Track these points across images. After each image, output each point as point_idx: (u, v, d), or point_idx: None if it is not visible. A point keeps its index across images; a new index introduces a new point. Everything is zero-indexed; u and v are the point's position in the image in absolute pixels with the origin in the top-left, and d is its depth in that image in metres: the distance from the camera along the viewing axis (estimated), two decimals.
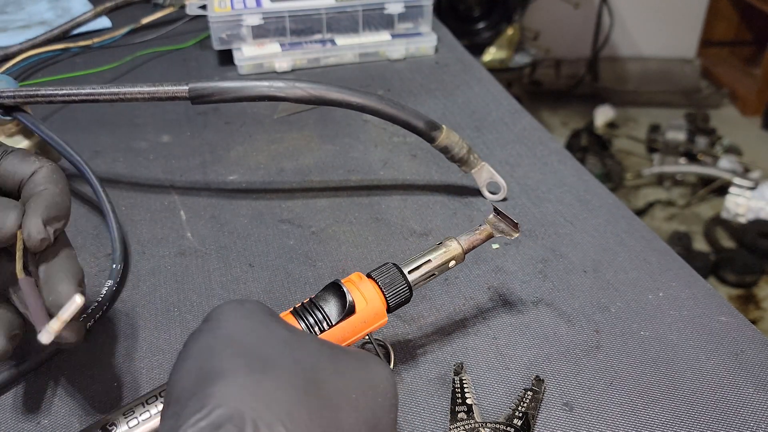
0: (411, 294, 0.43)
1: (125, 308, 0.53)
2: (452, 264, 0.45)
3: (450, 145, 0.61)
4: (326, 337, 0.40)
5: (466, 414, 0.42)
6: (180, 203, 0.65)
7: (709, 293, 0.53)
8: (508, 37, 2.45)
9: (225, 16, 0.89)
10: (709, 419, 0.43)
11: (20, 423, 0.44)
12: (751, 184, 2.26)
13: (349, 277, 0.43)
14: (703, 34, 3.09)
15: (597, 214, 0.62)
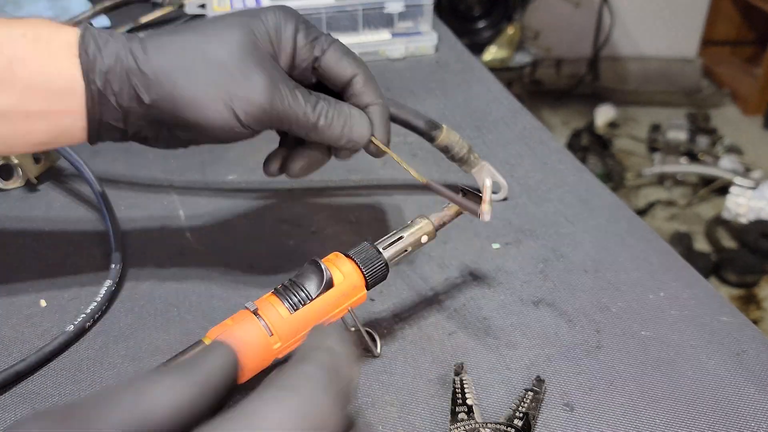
0: (387, 270, 0.46)
1: (125, 308, 0.53)
2: (425, 239, 0.48)
3: (450, 145, 0.61)
4: (307, 311, 0.43)
5: (467, 414, 0.42)
6: (179, 203, 0.65)
7: (710, 293, 0.53)
8: (508, 37, 2.45)
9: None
10: (710, 419, 0.42)
11: None
12: (752, 183, 2.25)
13: (327, 257, 0.45)
14: (705, 33, 3.09)
15: (598, 214, 0.62)
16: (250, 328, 0.42)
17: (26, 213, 0.63)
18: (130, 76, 0.42)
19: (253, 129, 0.45)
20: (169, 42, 0.43)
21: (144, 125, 0.44)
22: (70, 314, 0.52)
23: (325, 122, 0.46)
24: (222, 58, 0.43)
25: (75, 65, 0.42)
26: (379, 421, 0.43)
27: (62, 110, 0.43)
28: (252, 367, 0.43)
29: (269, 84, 0.43)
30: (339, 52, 0.47)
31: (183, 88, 0.42)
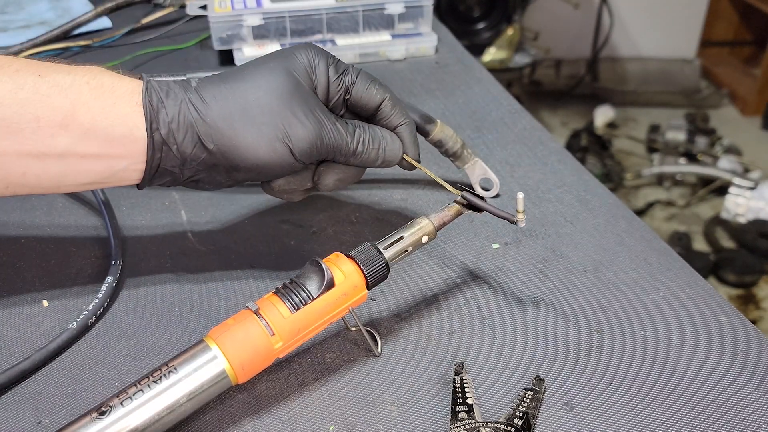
0: (388, 270, 0.47)
1: (126, 308, 0.53)
2: (425, 240, 0.48)
3: (444, 139, 0.62)
4: (308, 311, 0.43)
5: (467, 414, 0.42)
6: (180, 203, 0.65)
7: (709, 293, 0.53)
8: (508, 38, 2.45)
9: (225, 16, 0.89)
10: (709, 419, 0.43)
11: (20, 423, 0.44)
12: (751, 184, 2.26)
13: (328, 257, 0.46)
14: (703, 34, 3.09)
15: (597, 214, 0.62)
16: (252, 327, 0.42)
17: (28, 213, 0.64)
18: (195, 126, 0.45)
19: (306, 162, 0.48)
20: (224, 91, 0.46)
21: (201, 170, 0.47)
22: (73, 313, 0.52)
23: (363, 148, 0.50)
24: (273, 103, 0.46)
25: (137, 113, 0.44)
26: (380, 420, 0.43)
27: (119, 155, 0.45)
28: (253, 366, 0.43)
29: (316, 121, 0.47)
30: (367, 81, 0.51)
31: (243, 133, 0.46)
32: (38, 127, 0.43)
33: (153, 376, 0.40)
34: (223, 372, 0.42)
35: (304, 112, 0.47)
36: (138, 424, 0.39)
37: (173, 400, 0.40)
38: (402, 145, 0.52)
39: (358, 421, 0.44)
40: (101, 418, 0.39)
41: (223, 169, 0.47)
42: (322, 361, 0.48)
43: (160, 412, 0.40)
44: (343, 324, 0.50)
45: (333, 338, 0.50)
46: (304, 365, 0.48)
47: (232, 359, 0.42)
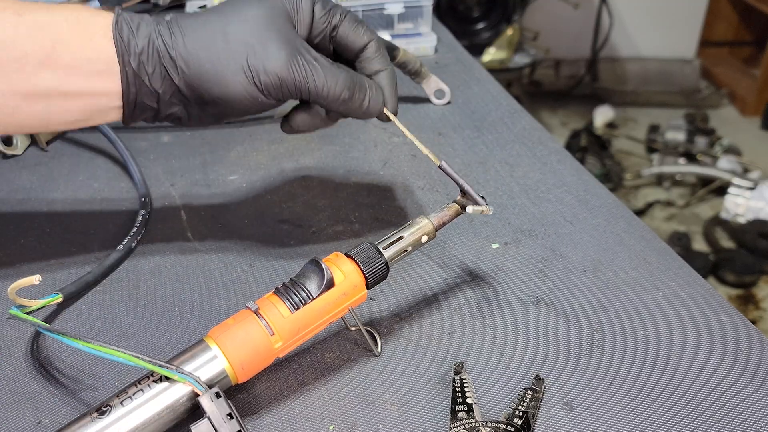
0: (387, 269, 0.46)
1: (126, 308, 0.53)
2: (425, 239, 0.48)
3: (407, 61, 0.76)
4: (308, 310, 0.43)
5: (467, 413, 0.43)
6: (180, 203, 0.65)
7: (708, 293, 0.53)
8: (507, 38, 2.45)
9: None
10: (709, 418, 0.43)
11: (20, 423, 0.44)
12: (751, 184, 2.26)
13: (328, 257, 0.46)
14: (703, 34, 3.09)
15: (597, 214, 0.62)
16: (251, 327, 0.42)
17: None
18: (161, 58, 0.45)
19: (275, 97, 0.47)
20: (193, 23, 0.46)
21: (175, 103, 0.47)
22: (73, 313, 0.52)
23: (347, 96, 0.48)
24: (241, 33, 0.46)
25: (111, 48, 0.45)
26: (380, 420, 0.43)
27: (99, 91, 0.46)
28: (253, 366, 0.43)
29: (286, 54, 0.46)
30: (354, 21, 0.50)
31: (207, 65, 0.46)
32: (21, 66, 0.44)
33: (153, 376, 0.40)
34: (223, 371, 0.42)
35: (273, 44, 0.46)
36: (138, 423, 0.39)
37: (173, 399, 0.40)
38: (383, 95, 0.51)
39: (358, 420, 0.44)
40: (101, 418, 0.39)
41: (195, 104, 0.47)
42: (322, 360, 0.48)
43: (160, 412, 0.40)
44: (342, 324, 0.50)
45: (333, 338, 0.50)
46: (304, 365, 0.48)
47: (232, 359, 0.42)
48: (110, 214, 0.64)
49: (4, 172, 0.70)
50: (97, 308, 0.53)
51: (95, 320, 0.52)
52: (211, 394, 0.39)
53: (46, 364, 0.48)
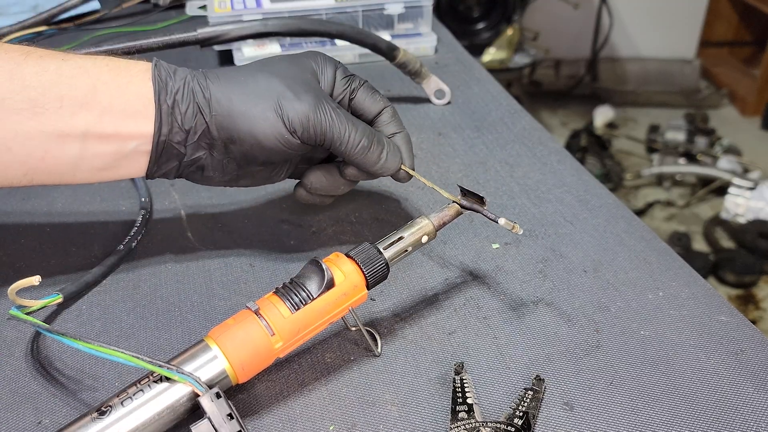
0: (388, 269, 0.47)
1: (126, 308, 0.53)
2: (425, 239, 0.48)
3: (407, 62, 0.77)
4: (309, 311, 0.44)
5: (467, 413, 0.42)
6: (180, 203, 0.65)
7: (708, 293, 0.53)
8: (507, 38, 2.46)
9: (225, 16, 0.89)
10: (709, 419, 0.43)
11: (20, 423, 0.44)
12: (751, 184, 2.26)
13: (328, 257, 0.46)
14: (703, 34, 3.09)
15: (597, 214, 0.62)
16: (252, 327, 0.42)
17: (28, 217, 0.64)
18: (195, 96, 0.48)
19: (300, 137, 0.49)
20: (227, 72, 0.50)
21: (202, 146, 0.49)
22: (73, 313, 0.52)
23: (368, 143, 0.50)
24: (273, 81, 0.49)
25: (149, 89, 0.47)
26: (380, 420, 0.43)
27: (132, 133, 0.47)
28: (253, 366, 0.43)
29: (314, 98, 0.49)
30: (370, 89, 0.54)
31: (238, 104, 0.48)
32: (61, 106, 0.45)
33: (153, 376, 0.40)
34: (224, 372, 0.42)
35: (302, 91, 0.49)
36: (138, 424, 0.39)
37: (173, 400, 0.40)
38: (400, 153, 0.53)
39: (358, 420, 0.44)
40: (101, 418, 0.39)
41: (221, 144, 0.49)
42: (322, 361, 0.48)
43: (160, 412, 0.40)
44: (343, 324, 0.50)
45: (333, 338, 0.50)
46: (304, 365, 0.48)
47: (232, 359, 0.42)
48: (110, 214, 0.64)
49: None
50: (97, 308, 0.53)
51: (95, 320, 0.52)
52: (212, 395, 0.39)
53: (46, 364, 0.48)
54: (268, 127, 0.48)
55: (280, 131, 0.48)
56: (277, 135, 0.48)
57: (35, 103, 0.45)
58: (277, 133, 0.48)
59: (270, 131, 0.48)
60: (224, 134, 0.48)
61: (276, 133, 0.48)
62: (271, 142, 0.48)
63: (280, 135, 0.48)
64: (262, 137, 0.48)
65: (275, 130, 0.48)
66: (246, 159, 0.50)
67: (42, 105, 0.45)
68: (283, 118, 0.48)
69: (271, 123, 0.48)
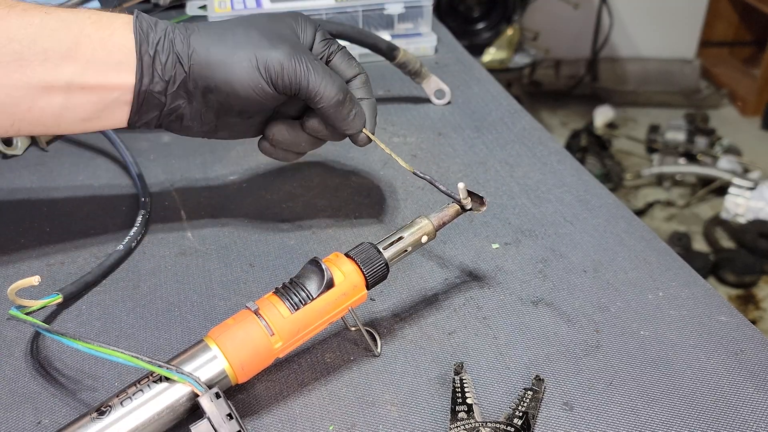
0: (387, 269, 0.47)
1: (126, 308, 0.53)
2: (425, 240, 0.49)
3: (407, 62, 0.76)
4: (308, 311, 0.44)
5: (467, 413, 0.42)
6: (180, 203, 0.65)
7: (708, 293, 0.53)
8: (507, 38, 2.45)
9: (225, 16, 0.89)
10: (709, 418, 0.43)
11: (20, 423, 0.44)
12: (751, 184, 2.26)
13: (328, 257, 0.46)
14: (703, 34, 3.09)
15: (597, 214, 0.62)
16: (251, 327, 0.42)
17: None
18: (175, 47, 0.49)
19: (275, 85, 0.50)
20: (206, 25, 0.51)
21: (181, 95, 0.50)
22: (73, 313, 0.52)
23: (342, 98, 0.51)
24: (251, 33, 0.50)
25: (130, 40, 0.48)
26: (380, 420, 0.43)
27: (114, 84, 0.48)
28: (253, 366, 0.43)
29: (290, 48, 0.50)
30: (347, 54, 0.55)
31: (215, 53, 0.49)
32: (45, 59, 0.46)
33: (153, 376, 0.40)
34: (223, 372, 0.42)
35: (278, 40, 0.50)
36: (138, 424, 0.39)
37: (173, 400, 0.40)
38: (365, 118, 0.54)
39: (358, 421, 0.44)
40: (101, 418, 0.39)
41: (199, 93, 0.50)
42: (322, 361, 0.48)
43: (159, 412, 0.40)
44: (342, 324, 0.50)
45: (333, 338, 0.50)
46: (303, 365, 0.48)
47: (231, 359, 0.42)
48: (110, 214, 0.64)
49: (4, 172, 0.70)
50: (97, 308, 0.53)
51: (95, 320, 0.52)
52: (211, 395, 0.39)
53: (45, 364, 0.48)
54: (244, 75, 0.49)
55: (255, 79, 0.49)
56: (252, 84, 0.49)
57: (20, 56, 0.46)
58: (252, 82, 0.49)
59: (245, 79, 0.49)
60: (202, 83, 0.49)
61: (251, 81, 0.49)
62: (246, 90, 0.49)
63: (254, 83, 0.49)
64: (238, 86, 0.49)
65: (250, 78, 0.49)
66: (223, 108, 0.51)
67: (27, 58, 0.46)
68: (258, 67, 0.49)
69: (246, 71, 0.49)
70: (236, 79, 0.49)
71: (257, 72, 0.49)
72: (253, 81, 0.49)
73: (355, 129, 0.53)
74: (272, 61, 0.49)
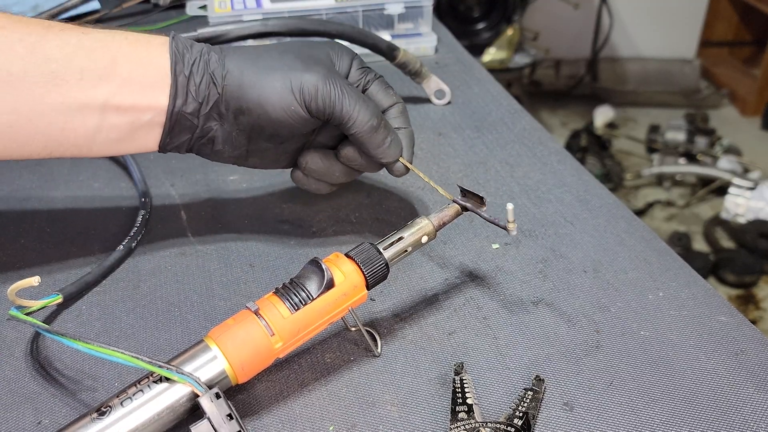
0: (388, 270, 0.47)
1: (126, 308, 0.53)
2: (425, 240, 0.48)
3: (407, 62, 0.76)
4: (308, 311, 0.43)
5: (467, 414, 0.42)
6: (180, 203, 0.65)
7: (708, 293, 0.53)
8: (507, 38, 2.46)
9: (225, 16, 0.89)
10: (709, 419, 0.43)
11: (20, 423, 0.44)
12: (751, 184, 2.26)
13: (328, 257, 0.46)
14: (703, 34, 3.09)
15: (597, 214, 0.62)
16: (252, 327, 0.42)
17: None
18: (209, 68, 0.49)
19: (309, 109, 0.49)
20: (242, 48, 0.51)
21: (213, 117, 0.50)
22: (73, 312, 0.52)
23: (377, 124, 0.50)
24: (286, 56, 0.50)
25: (166, 60, 0.48)
26: (380, 420, 0.43)
27: (148, 105, 0.48)
28: (253, 366, 0.43)
29: (324, 71, 0.50)
30: (385, 83, 0.54)
31: (249, 74, 0.49)
32: (81, 78, 0.46)
33: (153, 377, 0.40)
34: (223, 372, 0.42)
35: (313, 63, 0.50)
36: (138, 424, 0.39)
37: (173, 400, 0.40)
38: (402, 145, 0.53)
39: (358, 421, 0.44)
40: (101, 418, 0.39)
41: (231, 115, 0.50)
42: (322, 361, 0.48)
43: (159, 413, 0.40)
44: (342, 324, 0.50)
45: (333, 338, 0.50)
46: (303, 365, 0.48)
47: (232, 359, 0.42)
48: (110, 214, 0.64)
49: (4, 172, 0.70)
50: (97, 309, 0.53)
51: (95, 321, 0.52)
52: (211, 395, 0.39)
53: (45, 364, 0.48)
54: (276, 96, 0.49)
55: (288, 100, 0.49)
56: (285, 105, 0.49)
57: (56, 75, 0.46)
58: (285, 103, 0.49)
59: (278, 101, 0.49)
60: (234, 104, 0.49)
61: (284, 102, 0.49)
62: (278, 112, 0.49)
63: (287, 105, 0.49)
64: (270, 107, 0.49)
65: (283, 99, 0.49)
66: (254, 131, 0.51)
67: (63, 77, 0.46)
68: (292, 88, 0.48)
69: (279, 92, 0.48)
70: (269, 101, 0.49)
71: (291, 94, 0.49)
72: (285, 102, 0.49)
73: (392, 157, 0.52)
74: (307, 84, 0.48)
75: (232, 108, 0.49)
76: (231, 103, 0.49)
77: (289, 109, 0.49)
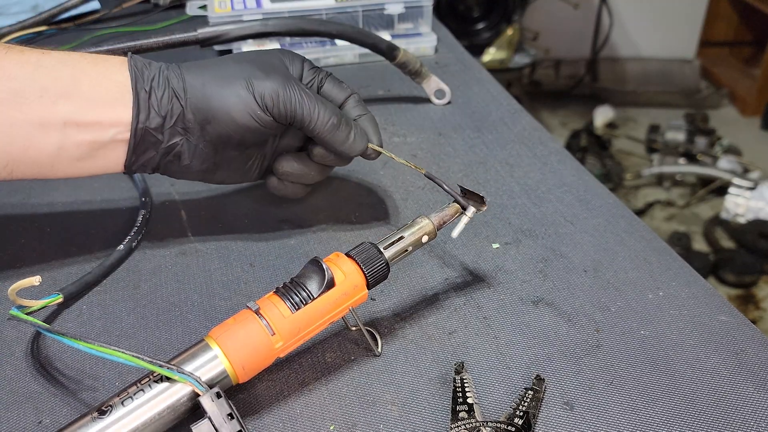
0: (388, 269, 0.47)
1: (127, 308, 0.53)
2: (425, 239, 0.49)
3: (407, 62, 0.76)
4: (309, 310, 0.44)
5: (467, 413, 0.43)
6: (180, 203, 0.65)
7: (708, 292, 0.53)
8: (507, 38, 2.46)
9: (225, 16, 0.89)
10: (709, 418, 0.43)
11: (20, 422, 0.44)
12: (751, 184, 2.26)
13: (328, 257, 0.46)
14: (703, 34, 3.09)
15: (597, 214, 0.62)
16: (252, 327, 0.42)
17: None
18: (170, 83, 0.50)
19: (271, 114, 0.51)
20: (199, 62, 0.53)
21: (179, 132, 0.51)
22: (74, 312, 0.52)
23: (337, 121, 0.52)
24: (243, 65, 0.52)
25: (126, 77, 0.50)
26: (380, 420, 0.43)
27: (111, 121, 0.49)
28: (253, 366, 0.43)
29: (283, 77, 0.51)
30: (335, 79, 0.56)
31: (212, 86, 0.50)
32: (42, 96, 0.47)
33: (153, 376, 0.40)
34: (224, 371, 0.42)
35: (271, 70, 0.51)
36: (139, 423, 0.39)
37: (174, 399, 0.40)
38: (367, 135, 0.55)
39: (359, 420, 0.44)
40: (102, 418, 0.39)
41: (197, 127, 0.51)
42: (323, 360, 0.48)
43: (160, 412, 0.40)
44: (343, 324, 0.50)
45: (333, 338, 0.50)
46: (304, 365, 0.48)
47: (232, 359, 0.42)
48: (110, 214, 0.64)
49: None
50: (98, 308, 0.53)
51: (95, 320, 0.52)
52: (212, 394, 0.39)
53: (46, 364, 0.48)
54: (241, 103, 0.50)
55: (252, 107, 0.50)
56: (250, 111, 0.50)
57: (17, 93, 0.46)
58: (250, 109, 0.50)
59: (243, 107, 0.50)
60: (200, 116, 0.50)
61: (248, 108, 0.50)
62: (244, 118, 0.50)
63: (252, 111, 0.50)
64: (236, 114, 0.50)
65: (247, 106, 0.50)
66: (221, 140, 0.52)
67: (23, 95, 0.47)
68: (254, 95, 0.50)
69: (243, 100, 0.50)
70: (233, 107, 0.50)
71: (253, 100, 0.50)
72: (250, 107, 0.50)
73: (358, 150, 0.54)
74: (268, 90, 0.50)
75: (198, 119, 0.50)
76: (196, 115, 0.50)
77: (254, 113, 0.50)
